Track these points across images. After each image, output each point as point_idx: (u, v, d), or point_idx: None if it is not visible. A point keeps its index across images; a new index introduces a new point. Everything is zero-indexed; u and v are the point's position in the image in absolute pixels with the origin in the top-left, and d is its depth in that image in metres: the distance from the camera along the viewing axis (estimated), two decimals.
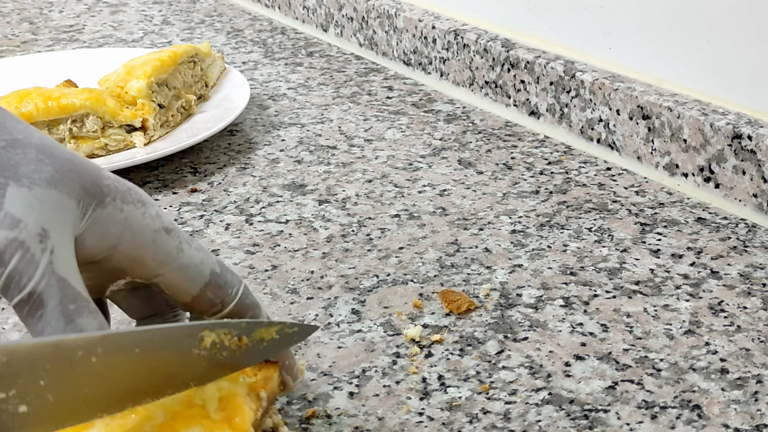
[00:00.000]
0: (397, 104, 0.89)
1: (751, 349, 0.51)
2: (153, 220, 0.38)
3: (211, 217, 0.68)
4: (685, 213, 0.67)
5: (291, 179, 0.74)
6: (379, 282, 0.59)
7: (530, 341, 0.52)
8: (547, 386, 0.48)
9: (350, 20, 1.04)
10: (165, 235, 0.38)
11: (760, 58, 0.65)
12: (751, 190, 0.65)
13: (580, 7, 0.79)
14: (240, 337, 0.38)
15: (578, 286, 0.58)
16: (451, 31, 0.89)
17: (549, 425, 0.45)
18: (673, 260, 0.61)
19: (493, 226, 0.65)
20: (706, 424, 0.46)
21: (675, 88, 0.72)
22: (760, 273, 0.59)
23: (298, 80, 0.96)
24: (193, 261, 0.39)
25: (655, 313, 0.55)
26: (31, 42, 1.10)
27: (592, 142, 0.77)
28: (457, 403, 0.47)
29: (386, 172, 0.74)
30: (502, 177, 0.73)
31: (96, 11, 1.23)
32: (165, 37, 1.11)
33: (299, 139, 0.81)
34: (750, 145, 0.64)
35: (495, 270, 0.60)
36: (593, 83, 0.75)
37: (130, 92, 0.77)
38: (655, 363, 0.50)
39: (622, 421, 0.46)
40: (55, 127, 0.73)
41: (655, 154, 0.72)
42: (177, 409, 0.37)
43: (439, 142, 0.80)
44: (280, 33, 1.12)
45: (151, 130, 0.77)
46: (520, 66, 0.82)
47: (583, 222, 0.66)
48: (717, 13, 0.67)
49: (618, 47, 0.76)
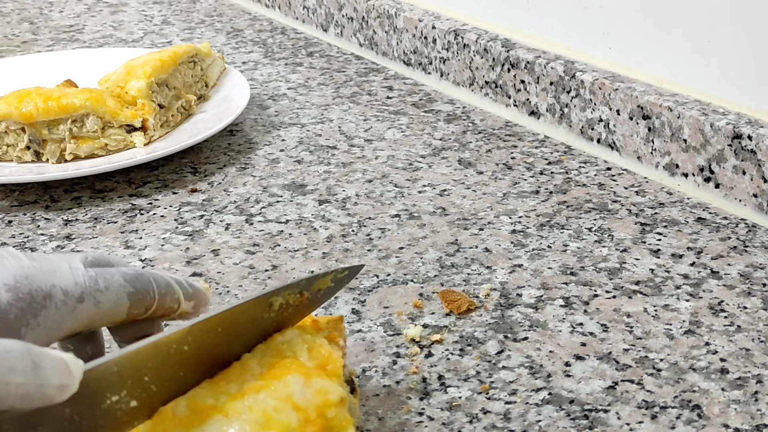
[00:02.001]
0: (397, 104, 0.89)
1: (751, 349, 0.51)
2: (66, 306, 0.38)
3: (211, 217, 0.68)
4: (685, 213, 0.67)
5: (291, 179, 0.74)
6: (379, 282, 0.59)
7: (530, 341, 0.52)
8: (547, 386, 0.48)
9: (350, 20, 1.04)
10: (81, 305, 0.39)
11: (760, 58, 0.65)
12: (751, 190, 0.65)
13: (580, 7, 0.79)
14: (301, 293, 0.43)
15: (578, 286, 0.58)
16: (451, 31, 0.89)
17: (549, 425, 0.46)
18: (673, 260, 0.61)
19: (493, 226, 0.65)
20: (706, 424, 0.46)
21: (675, 88, 0.72)
22: (760, 273, 0.59)
23: (298, 80, 0.96)
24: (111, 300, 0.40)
25: (655, 313, 0.55)
26: (31, 42, 1.10)
27: (592, 142, 0.77)
28: (457, 403, 0.47)
29: (386, 172, 0.74)
30: (502, 177, 0.73)
31: (96, 11, 1.23)
32: (165, 37, 1.11)
33: (299, 139, 0.81)
34: (750, 145, 0.64)
35: (495, 270, 0.60)
36: (593, 83, 0.75)
37: (130, 92, 0.77)
38: (655, 363, 0.50)
39: (622, 421, 0.46)
40: (55, 127, 0.73)
41: (655, 154, 0.72)
42: (271, 360, 0.41)
43: (439, 142, 0.80)
44: (280, 33, 1.12)
45: (151, 130, 0.77)
46: (520, 66, 0.82)
47: (583, 222, 0.66)
48: (717, 13, 0.67)
49: (618, 47, 0.76)
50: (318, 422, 0.38)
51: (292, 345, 0.42)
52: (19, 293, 0.37)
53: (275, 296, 0.42)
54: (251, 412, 0.37)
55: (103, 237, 0.65)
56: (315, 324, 0.44)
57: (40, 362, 0.32)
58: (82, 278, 0.39)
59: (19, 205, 0.70)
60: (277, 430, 0.37)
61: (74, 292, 0.38)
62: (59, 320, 0.38)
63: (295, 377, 0.39)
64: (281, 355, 0.41)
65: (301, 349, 0.41)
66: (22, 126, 0.73)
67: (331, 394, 0.39)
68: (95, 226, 0.67)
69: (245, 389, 0.39)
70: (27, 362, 0.31)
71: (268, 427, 0.37)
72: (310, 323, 0.44)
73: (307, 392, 0.39)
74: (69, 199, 0.71)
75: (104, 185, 0.73)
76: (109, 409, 0.36)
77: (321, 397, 0.39)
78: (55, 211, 0.69)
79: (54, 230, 0.66)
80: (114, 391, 0.36)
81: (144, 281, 0.42)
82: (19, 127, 0.73)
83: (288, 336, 0.42)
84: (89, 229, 0.66)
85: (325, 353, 0.41)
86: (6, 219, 0.68)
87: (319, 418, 0.39)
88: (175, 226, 0.66)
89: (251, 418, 0.37)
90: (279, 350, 0.41)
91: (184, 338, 0.38)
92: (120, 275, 0.41)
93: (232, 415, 0.37)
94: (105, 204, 0.70)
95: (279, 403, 0.38)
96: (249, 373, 0.40)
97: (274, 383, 0.39)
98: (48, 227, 0.67)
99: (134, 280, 0.41)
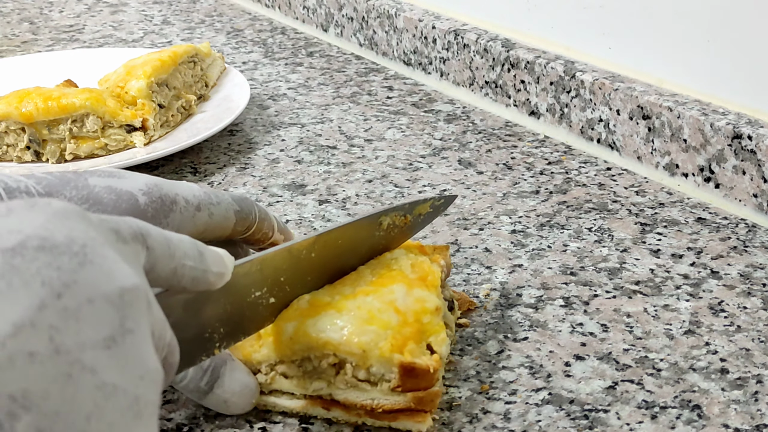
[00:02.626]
0: (397, 104, 0.89)
1: (751, 349, 0.51)
2: (187, 212, 0.45)
3: None
4: (685, 213, 0.67)
5: (291, 179, 0.74)
6: None
7: (530, 341, 0.52)
8: (547, 386, 0.48)
9: (350, 20, 1.04)
10: (198, 213, 0.45)
11: (760, 58, 0.65)
12: (751, 190, 0.65)
13: (580, 7, 0.79)
14: (405, 216, 0.50)
15: (578, 286, 0.58)
16: (451, 31, 0.89)
17: (549, 425, 0.46)
18: (673, 260, 0.61)
19: (493, 226, 0.65)
20: (706, 424, 0.46)
21: (675, 88, 0.72)
22: (760, 273, 0.59)
23: (298, 80, 0.96)
24: (221, 213, 0.47)
25: (655, 313, 0.55)
26: (31, 42, 1.10)
27: (592, 142, 0.77)
28: (457, 403, 0.47)
29: (386, 172, 0.74)
30: (502, 177, 0.73)
31: (96, 11, 1.23)
32: (165, 37, 1.11)
33: (299, 139, 0.81)
34: (750, 145, 0.64)
35: (495, 270, 0.60)
36: (593, 83, 0.75)
37: (130, 92, 0.77)
38: (655, 363, 0.50)
39: (622, 421, 0.46)
40: (55, 127, 0.73)
41: (655, 154, 0.72)
42: (381, 272, 0.48)
43: (439, 142, 0.80)
44: (280, 33, 1.12)
45: (151, 130, 0.77)
46: (520, 66, 0.82)
47: (583, 222, 0.66)
48: (717, 13, 0.67)
49: (618, 47, 0.76)
50: (414, 325, 0.44)
51: (399, 261, 0.49)
52: (152, 197, 0.43)
53: (384, 216, 0.49)
54: (359, 310, 0.44)
55: None
56: (421, 248, 0.51)
57: (204, 252, 0.37)
58: (198, 191, 0.46)
59: None
60: (378, 326, 0.44)
61: (193, 202, 0.45)
62: (182, 224, 0.44)
63: (400, 286, 0.46)
64: (389, 268, 0.48)
65: (406, 265, 0.48)
66: (22, 126, 0.73)
67: (428, 302, 0.46)
68: None
69: (357, 292, 0.46)
70: (195, 250, 0.37)
71: (371, 323, 0.44)
72: (417, 246, 0.51)
73: (408, 299, 0.46)
74: None
75: None
76: (253, 303, 0.43)
77: (419, 304, 0.45)
78: None
79: None
80: (257, 287, 0.43)
81: (248, 203, 0.49)
82: (19, 127, 0.73)
83: (396, 254, 0.49)
84: None
85: (426, 268, 0.48)
86: None
87: (416, 322, 0.45)
88: None
89: (358, 315, 0.44)
90: (388, 264, 0.49)
91: (312, 246, 0.45)
92: (229, 195, 0.48)
93: (342, 310, 0.44)
94: None
95: (383, 305, 0.45)
96: (362, 279, 0.47)
97: (381, 289, 0.46)
98: None
99: (240, 201, 0.48)
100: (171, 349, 0.34)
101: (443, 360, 0.45)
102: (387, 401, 0.44)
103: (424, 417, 0.44)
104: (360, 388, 0.44)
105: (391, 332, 0.43)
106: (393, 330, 0.43)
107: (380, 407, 0.44)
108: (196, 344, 0.41)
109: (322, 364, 0.44)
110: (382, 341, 0.43)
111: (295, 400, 0.46)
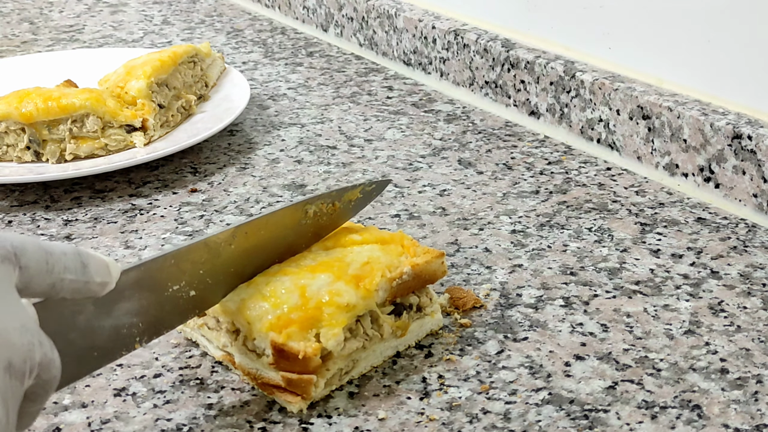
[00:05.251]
0: (397, 104, 0.89)
1: (751, 349, 0.51)
2: None
3: (211, 217, 0.68)
4: (685, 213, 0.67)
5: (291, 179, 0.74)
6: None
7: (530, 341, 0.52)
8: (547, 386, 0.48)
9: (350, 20, 1.04)
10: None
11: (760, 58, 0.65)
12: (751, 190, 0.65)
13: (580, 7, 0.79)
14: (334, 203, 0.50)
15: (578, 286, 0.58)
16: (451, 31, 0.89)
17: (549, 425, 0.46)
18: (673, 260, 0.61)
19: (493, 226, 0.65)
20: (706, 424, 0.46)
21: (675, 88, 0.72)
22: (760, 273, 0.59)
23: (298, 80, 0.96)
24: None
25: (655, 313, 0.55)
26: (31, 42, 1.10)
27: (592, 142, 0.77)
28: (457, 403, 0.47)
29: (386, 172, 0.74)
30: (502, 177, 0.73)
31: (96, 11, 1.23)
32: (165, 37, 1.11)
33: (299, 139, 0.81)
34: (750, 145, 0.64)
35: (495, 270, 0.60)
36: (593, 83, 0.75)
37: (130, 92, 0.77)
38: (655, 363, 0.50)
39: (622, 421, 0.46)
40: (55, 127, 0.73)
41: (655, 154, 0.72)
42: (325, 260, 0.48)
43: (439, 142, 0.80)
44: (280, 33, 1.12)
45: (151, 130, 0.77)
46: (520, 66, 0.82)
47: (583, 222, 0.66)
48: (717, 13, 0.67)
49: (618, 47, 0.76)
50: (310, 312, 0.45)
51: (356, 255, 0.49)
52: None
53: (309, 204, 0.49)
54: (267, 286, 0.47)
55: (103, 237, 0.65)
56: (409, 246, 0.51)
57: (87, 263, 0.37)
58: None
59: (19, 205, 0.70)
60: (271, 304, 0.46)
61: None
62: None
63: (326, 276, 0.47)
64: (338, 260, 0.48)
65: (357, 261, 0.48)
66: (22, 126, 0.73)
67: (341, 297, 0.46)
68: (95, 226, 0.67)
69: (282, 272, 0.48)
70: (78, 262, 0.36)
71: (266, 300, 0.46)
72: (408, 244, 0.51)
73: (323, 289, 0.46)
74: (69, 199, 0.71)
75: (104, 185, 0.73)
76: (172, 296, 0.44)
77: (330, 296, 0.46)
78: (55, 211, 0.69)
79: (54, 230, 0.66)
80: (174, 281, 0.44)
81: None
82: (19, 127, 0.73)
83: (366, 248, 0.49)
84: (89, 229, 0.66)
85: (373, 270, 0.48)
86: (6, 219, 0.68)
87: (315, 309, 0.46)
88: (175, 226, 0.66)
89: (262, 290, 0.46)
90: (342, 255, 0.49)
91: (230, 238, 0.46)
92: None
93: (257, 284, 0.47)
94: (105, 204, 0.70)
95: (292, 287, 0.46)
96: (301, 261, 0.49)
97: (307, 274, 0.47)
98: (48, 227, 0.67)
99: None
100: (43, 366, 0.35)
101: (336, 352, 0.46)
102: (266, 375, 0.47)
103: (296, 399, 0.46)
104: (248, 356, 0.47)
105: (280, 312, 0.45)
106: (283, 311, 0.45)
107: (261, 378, 0.47)
108: (114, 340, 0.42)
109: (225, 326, 0.48)
110: (266, 317, 0.45)
111: (216, 349, 0.50)
